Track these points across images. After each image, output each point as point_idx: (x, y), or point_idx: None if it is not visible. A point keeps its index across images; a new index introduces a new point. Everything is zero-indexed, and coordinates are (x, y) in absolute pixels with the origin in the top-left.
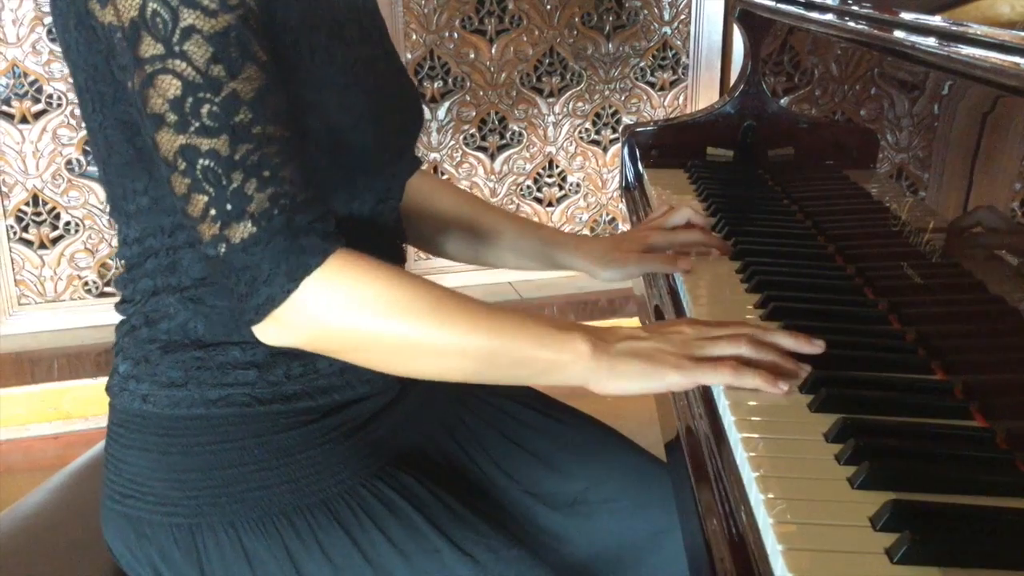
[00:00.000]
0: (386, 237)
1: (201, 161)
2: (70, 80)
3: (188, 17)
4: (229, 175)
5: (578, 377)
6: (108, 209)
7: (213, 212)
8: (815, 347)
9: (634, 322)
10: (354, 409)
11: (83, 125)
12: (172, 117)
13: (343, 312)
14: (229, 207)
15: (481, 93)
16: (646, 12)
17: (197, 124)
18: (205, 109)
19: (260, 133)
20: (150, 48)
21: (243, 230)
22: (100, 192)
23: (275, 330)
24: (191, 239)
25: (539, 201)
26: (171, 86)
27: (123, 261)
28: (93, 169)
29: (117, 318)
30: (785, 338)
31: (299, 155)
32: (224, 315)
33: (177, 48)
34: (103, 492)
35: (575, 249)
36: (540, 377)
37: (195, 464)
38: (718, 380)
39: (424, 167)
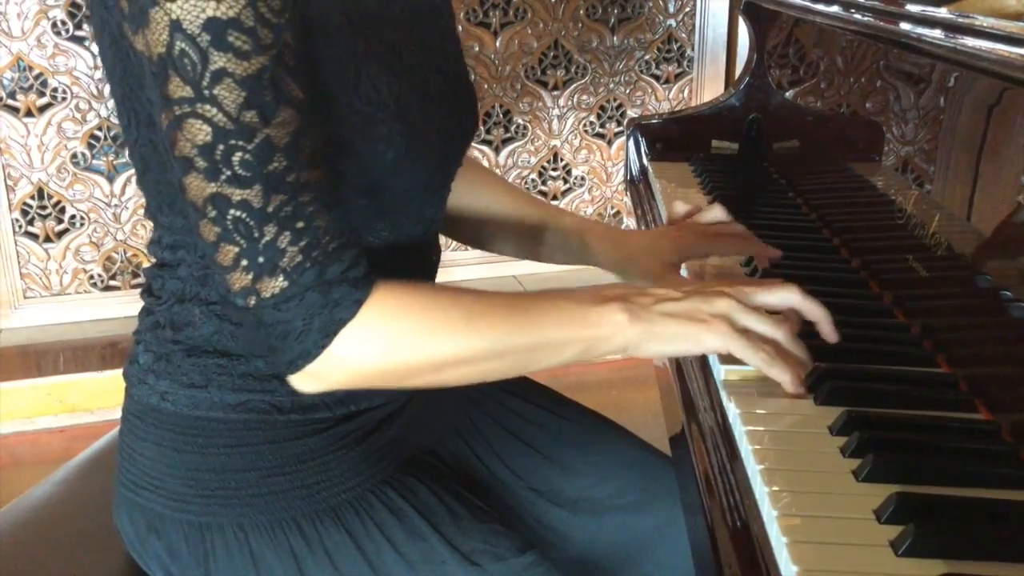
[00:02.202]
0: (422, 256)
1: (232, 212)
2: (75, 74)
3: (219, 60)
4: (262, 228)
5: (619, 346)
6: (144, 205)
7: (244, 263)
8: (833, 336)
9: None
10: (366, 416)
11: (88, 119)
12: (201, 163)
13: (381, 357)
14: (261, 260)
15: (486, 86)
16: (651, 5)
17: (228, 173)
18: (237, 157)
19: (294, 181)
20: (178, 90)
21: (274, 285)
22: (105, 186)
23: (313, 383)
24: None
25: (544, 195)
26: (200, 131)
27: (154, 256)
28: (98, 163)
29: (123, 311)
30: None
31: (333, 201)
32: (250, 331)
33: (207, 92)
34: (117, 478)
35: (615, 262)
36: (584, 355)
37: (209, 464)
38: (752, 361)
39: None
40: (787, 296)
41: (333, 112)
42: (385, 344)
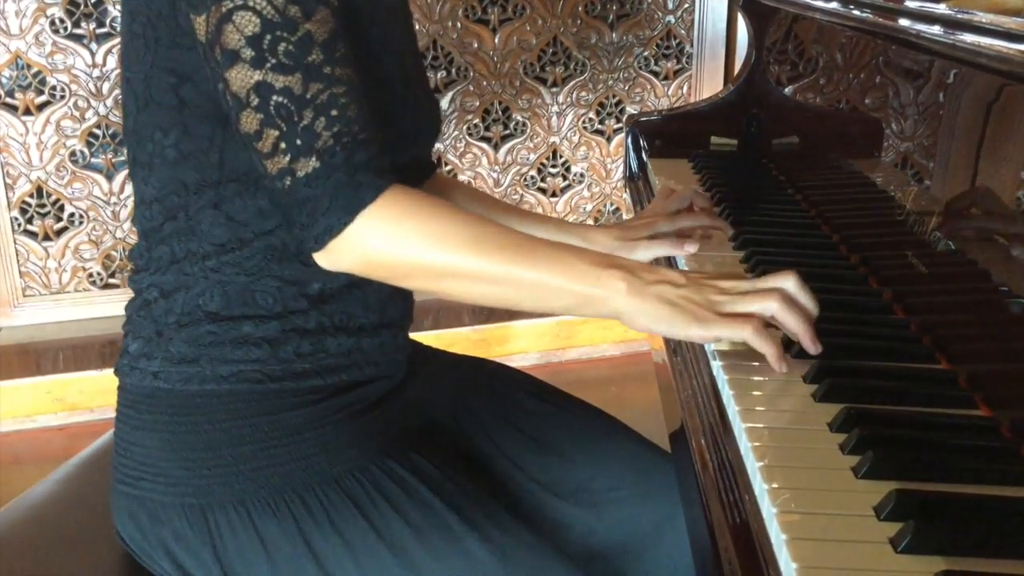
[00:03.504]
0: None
1: (275, 98)
2: (73, 72)
3: None
4: (301, 112)
5: (612, 311)
6: (128, 169)
7: (283, 146)
8: (816, 347)
9: None
10: (361, 391)
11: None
12: (249, 53)
13: (392, 245)
14: (299, 142)
15: (484, 83)
16: (650, 1)
17: (273, 61)
18: (282, 47)
19: (330, 73)
20: None
21: (308, 165)
22: (104, 184)
23: (332, 257)
24: (215, 199)
25: (543, 191)
26: (250, 23)
27: (139, 228)
28: (97, 160)
29: (122, 309)
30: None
31: (362, 96)
32: (240, 287)
33: None
34: (113, 478)
35: (582, 240)
36: (577, 308)
37: (205, 442)
38: (736, 336)
39: (438, 172)
40: (768, 306)
41: (356, 37)
42: (398, 237)
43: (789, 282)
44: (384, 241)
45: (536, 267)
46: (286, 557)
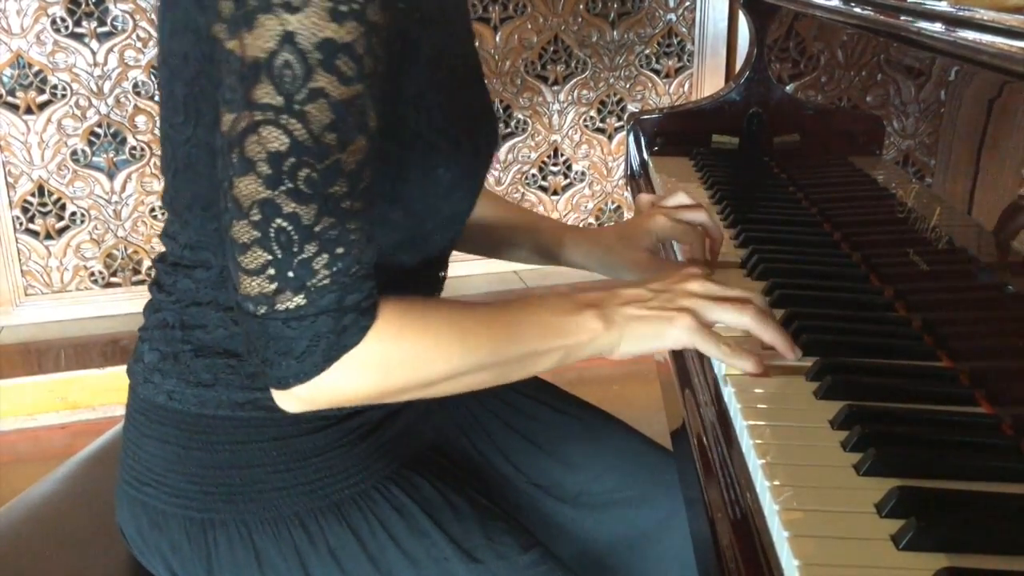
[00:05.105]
0: (434, 273)
1: (278, 221)
2: (74, 71)
3: (321, 80)
4: (304, 245)
5: (595, 351)
6: (162, 200)
7: (272, 272)
8: (794, 353)
9: None
10: (370, 412)
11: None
12: (265, 170)
13: (374, 384)
14: (291, 275)
15: (486, 81)
16: None
17: (290, 185)
18: (304, 173)
19: (348, 208)
20: (266, 96)
21: (292, 301)
22: (105, 183)
23: (296, 404)
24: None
25: (544, 190)
26: (276, 140)
27: (169, 252)
28: (98, 159)
29: (124, 308)
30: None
31: (373, 232)
32: (244, 339)
33: (297, 107)
34: (120, 475)
35: (595, 259)
36: (564, 361)
37: (214, 461)
38: (714, 352)
39: None
40: (741, 319)
41: (400, 137)
42: (380, 372)
43: (757, 295)
44: (365, 381)
45: (518, 342)
46: None
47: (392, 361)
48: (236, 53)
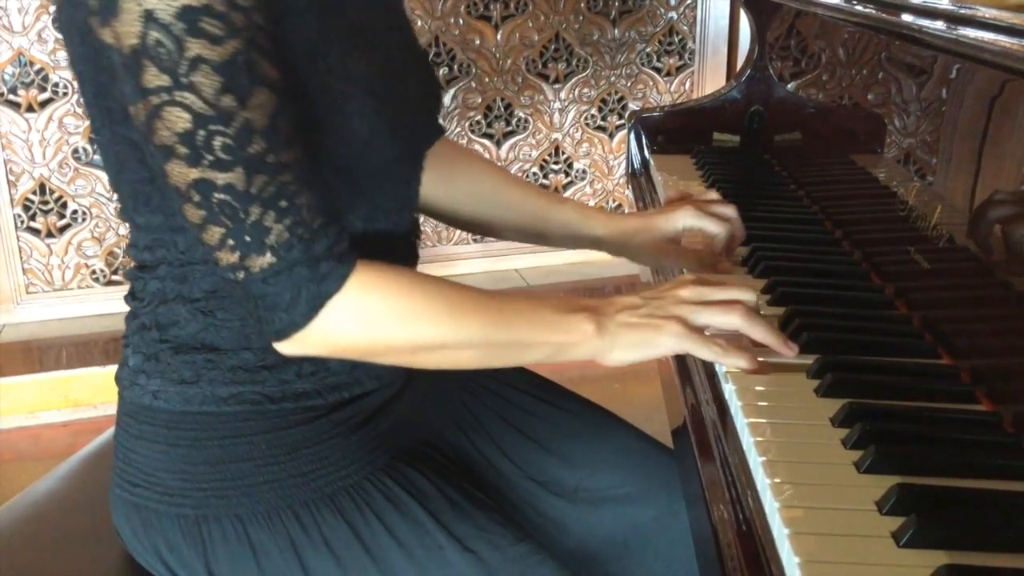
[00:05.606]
0: (402, 241)
1: (217, 195)
2: None
3: (194, 47)
4: (247, 209)
5: (585, 354)
6: (118, 208)
7: (231, 243)
8: (790, 349)
9: None
10: (360, 403)
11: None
12: (183, 150)
13: (364, 330)
14: (248, 239)
15: (487, 80)
16: None
17: (211, 158)
18: (218, 142)
19: (275, 162)
20: (154, 79)
21: (263, 261)
22: (107, 180)
23: (298, 348)
24: (205, 256)
25: (545, 188)
26: (180, 119)
27: (133, 258)
28: (99, 158)
29: (124, 306)
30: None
31: (314, 178)
32: (236, 327)
33: (184, 80)
34: (113, 479)
35: (616, 242)
36: (551, 358)
37: (203, 457)
38: (706, 355)
39: (449, 140)
40: (730, 320)
41: (307, 91)
42: (369, 322)
43: (748, 294)
44: (354, 327)
45: (509, 327)
46: (277, 570)
47: (380, 313)
48: (114, 45)
